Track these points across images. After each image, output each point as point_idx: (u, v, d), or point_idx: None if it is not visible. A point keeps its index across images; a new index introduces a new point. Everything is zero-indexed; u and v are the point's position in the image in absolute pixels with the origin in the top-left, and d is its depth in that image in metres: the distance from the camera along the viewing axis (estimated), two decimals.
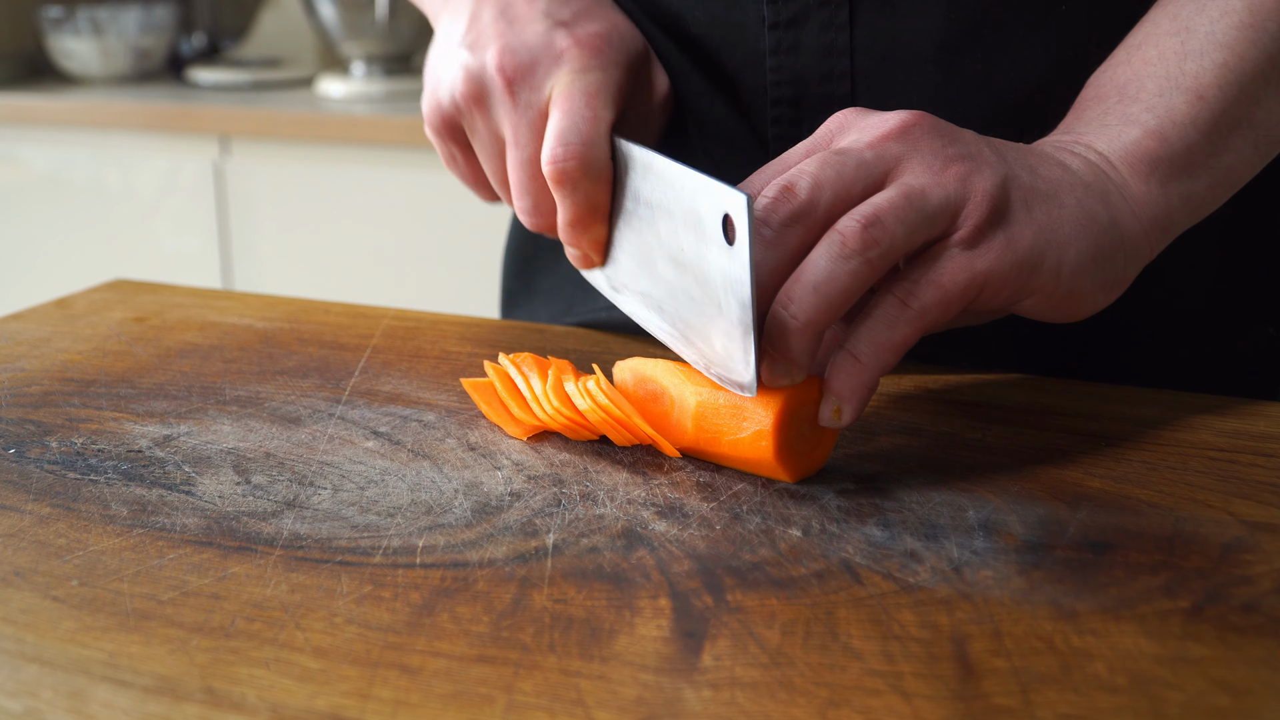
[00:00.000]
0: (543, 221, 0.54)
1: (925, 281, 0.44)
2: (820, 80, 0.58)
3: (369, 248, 1.80)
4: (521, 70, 0.52)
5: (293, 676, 0.33)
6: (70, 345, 0.61)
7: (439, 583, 0.38)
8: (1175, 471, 0.46)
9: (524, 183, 0.53)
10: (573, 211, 0.51)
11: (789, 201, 0.42)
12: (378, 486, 0.45)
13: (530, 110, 0.52)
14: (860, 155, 0.44)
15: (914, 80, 0.57)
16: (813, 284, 0.42)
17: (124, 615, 0.36)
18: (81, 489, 0.45)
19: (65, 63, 2.12)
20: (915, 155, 0.44)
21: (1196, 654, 0.34)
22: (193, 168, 1.86)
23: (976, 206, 0.44)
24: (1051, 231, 0.45)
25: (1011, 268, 0.44)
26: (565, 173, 0.49)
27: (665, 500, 0.44)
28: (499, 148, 0.54)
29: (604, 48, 0.52)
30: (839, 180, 0.43)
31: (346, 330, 0.63)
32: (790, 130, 0.60)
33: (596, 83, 0.51)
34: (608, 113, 0.51)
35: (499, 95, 0.52)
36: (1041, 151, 0.48)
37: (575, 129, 0.50)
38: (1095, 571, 0.39)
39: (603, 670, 0.33)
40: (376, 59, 1.95)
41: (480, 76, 0.53)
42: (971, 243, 0.44)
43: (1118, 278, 0.48)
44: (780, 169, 0.46)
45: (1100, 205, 0.47)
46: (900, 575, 0.39)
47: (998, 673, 0.33)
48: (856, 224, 0.42)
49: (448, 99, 0.54)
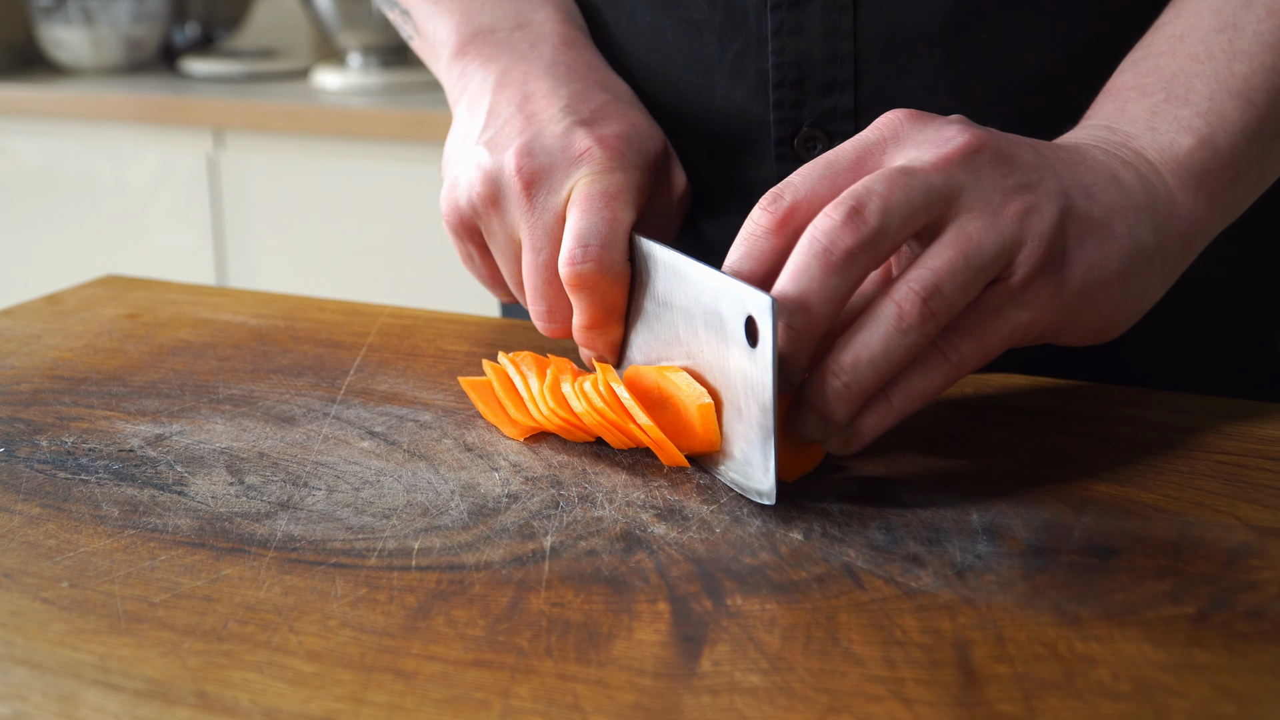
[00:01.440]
0: (558, 328, 0.53)
1: (969, 336, 0.43)
2: (824, 63, 0.58)
3: (365, 244, 1.80)
4: (540, 173, 0.51)
5: (286, 680, 0.33)
6: (61, 342, 0.61)
7: (435, 586, 0.38)
8: (1181, 475, 0.46)
9: (539, 287, 0.52)
10: (589, 314, 0.50)
11: (858, 228, 0.41)
12: (373, 487, 0.45)
13: (547, 213, 0.51)
14: (928, 180, 0.43)
15: (919, 62, 0.57)
16: (868, 358, 0.42)
17: (115, 618, 0.37)
18: (72, 489, 0.45)
19: (56, 53, 2.12)
20: (975, 188, 0.43)
21: (1202, 661, 0.35)
22: (186, 161, 1.86)
23: (1031, 253, 0.43)
24: (1101, 268, 0.45)
25: (1056, 314, 0.45)
26: (582, 276, 0.49)
27: (665, 503, 0.44)
28: (515, 250, 0.54)
29: (624, 149, 0.52)
30: (909, 208, 0.42)
31: (342, 328, 0.63)
32: (793, 113, 0.60)
33: (617, 184, 0.50)
34: (627, 214, 0.50)
35: (516, 198, 0.52)
36: (1095, 162, 0.47)
37: (594, 230, 0.49)
38: (1100, 576, 0.39)
39: (600, 675, 0.34)
40: (374, 50, 1.95)
41: (497, 178, 0.52)
42: (1019, 292, 0.44)
43: (1152, 300, 0.48)
44: (828, 175, 0.44)
45: (1149, 230, 0.47)
46: (902, 580, 0.39)
47: (1000, 679, 0.34)
48: (916, 296, 0.41)
49: (465, 199, 0.54)
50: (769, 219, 0.44)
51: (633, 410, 0.46)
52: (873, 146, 0.45)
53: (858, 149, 0.45)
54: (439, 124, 1.68)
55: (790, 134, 0.60)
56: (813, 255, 0.41)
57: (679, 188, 0.58)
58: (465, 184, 0.54)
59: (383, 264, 1.80)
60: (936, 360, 0.43)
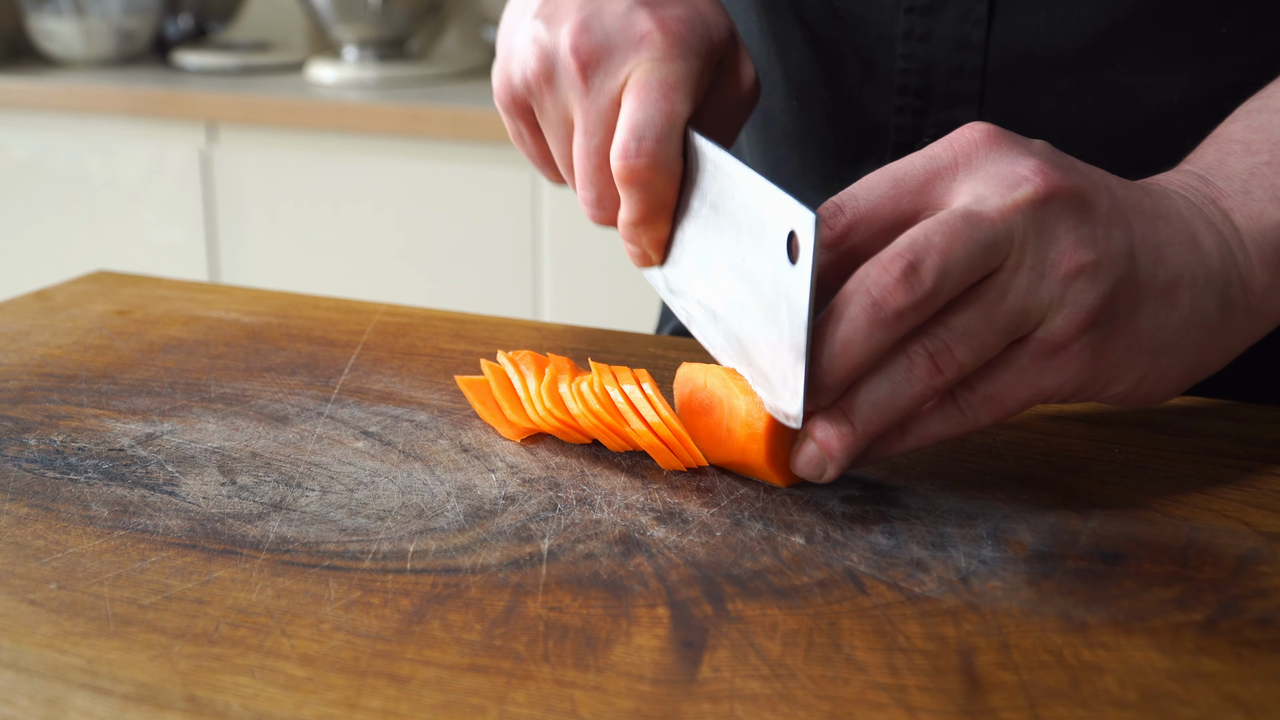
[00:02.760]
0: (605, 215, 0.52)
1: (986, 397, 0.43)
2: (950, 74, 0.58)
3: (360, 240, 1.80)
4: (597, 53, 0.49)
5: (278, 685, 0.33)
6: (50, 339, 0.61)
7: (430, 589, 0.38)
8: (1190, 479, 0.46)
9: (589, 173, 0.51)
10: (638, 209, 0.49)
11: (912, 288, 0.40)
12: (367, 488, 0.45)
13: (602, 97, 0.49)
14: (992, 232, 0.41)
15: (1049, 86, 0.56)
16: (873, 401, 0.42)
17: (104, 620, 0.37)
18: (61, 489, 0.45)
19: (46, 44, 2.12)
20: (1035, 241, 0.41)
21: (1210, 669, 0.35)
22: (178, 155, 1.87)
23: (1068, 320, 0.42)
24: (1151, 339, 0.43)
25: (1086, 381, 0.43)
26: (635, 170, 0.48)
27: (664, 505, 0.44)
28: (567, 131, 0.52)
29: (687, 34, 0.50)
30: (967, 265, 0.40)
31: (336, 326, 0.63)
32: (914, 121, 0.59)
33: (676, 73, 0.49)
34: (685, 106, 0.48)
35: (570, 78, 0.50)
36: (1176, 216, 0.45)
37: (650, 122, 0.47)
38: (1106, 583, 0.39)
39: (598, 681, 0.34)
40: (370, 43, 1.95)
41: (553, 55, 0.50)
42: (1047, 357, 0.42)
43: (1206, 374, 0.46)
44: (891, 194, 0.43)
45: (1215, 303, 0.45)
46: (906, 585, 0.39)
47: (1005, 686, 0.34)
48: (925, 353, 0.41)
49: (519, 75, 0.52)
50: (826, 233, 0.43)
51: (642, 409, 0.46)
52: (943, 168, 0.43)
53: (927, 167, 0.43)
54: (435, 119, 1.68)
55: (910, 141, 0.60)
56: (861, 308, 0.40)
57: (746, 80, 0.55)
58: (519, 59, 0.52)
59: (378, 261, 1.80)
60: (952, 410, 0.43)
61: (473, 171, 1.70)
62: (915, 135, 0.59)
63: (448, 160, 1.71)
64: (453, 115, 1.67)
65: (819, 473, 0.43)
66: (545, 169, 0.57)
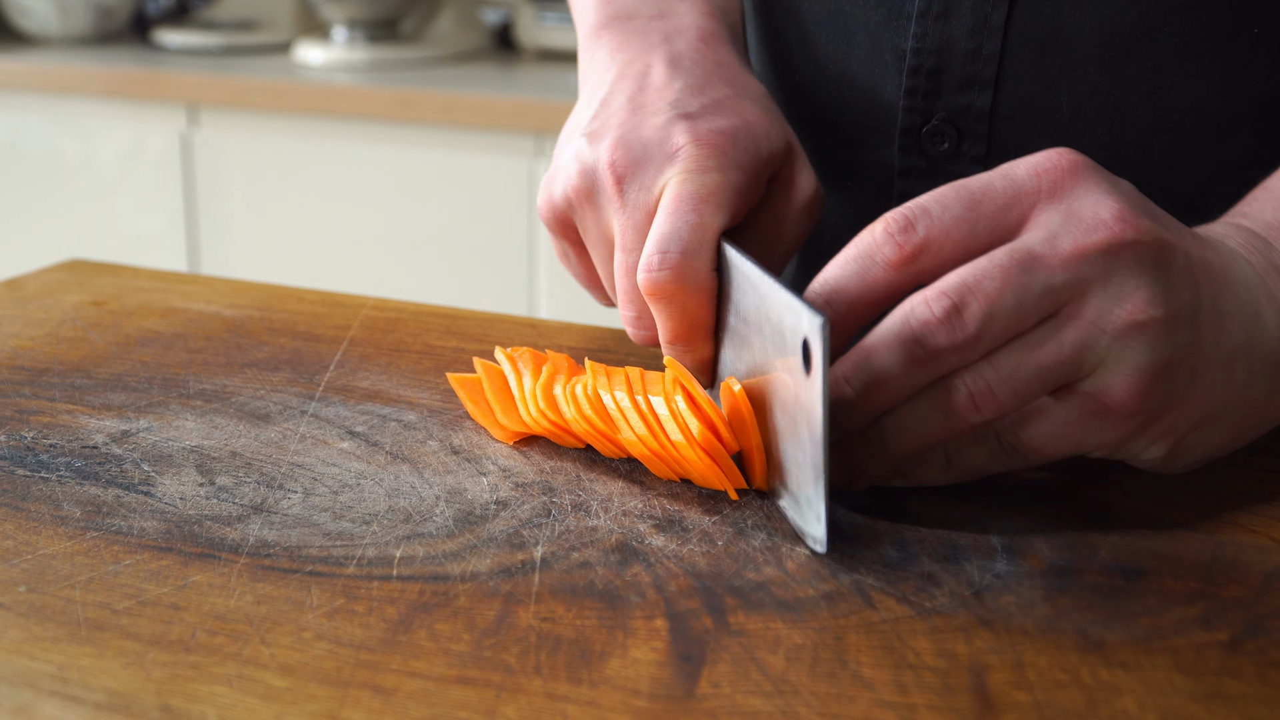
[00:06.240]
0: (647, 335, 0.52)
1: (1022, 447, 0.43)
2: (966, 58, 0.58)
3: (348, 230, 1.80)
4: (633, 167, 0.50)
5: (257, 695, 0.33)
6: (21, 330, 0.61)
7: (417, 597, 0.38)
8: (1215, 492, 0.46)
9: (628, 290, 0.51)
10: (671, 327, 0.49)
11: (953, 331, 0.40)
12: (352, 491, 0.45)
13: (638, 212, 0.50)
14: (1050, 280, 0.40)
15: (1070, 78, 0.56)
16: (904, 427, 0.42)
17: (75, 625, 0.37)
18: (31, 487, 0.45)
19: (20, 20, 2.12)
20: (1099, 292, 0.41)
21: (1234, 691, 0.35)
22: (158, 139, 1.87)
23: (1125, 383, 0.41)
24: (1201, 410, 0.43)
25: (1127, 442, 0.43)
26: (659, 285, 0.48)
27: (664, 512, 0.44)
28: (609, 249, 0.53)
29: (726, 146, 0.50)
30: (1017, 313, 0.40)
31: (322, 320, 0.64)
32: (924, 103, 0.59)
33: (710, 185, 0.49)
34: (717, 220, 0.49)
35: (608, 192, 0.51)
36: (1242, 286, 0.44)
37: (675, 235, 0.48)
38: (1126, 599, 0.39)
39: (592, 695, 0.34)
40: (359, 24, 1.96)
41: (593, 171, 0.52)
42: (1097, 414, 0.42)
43: (1237, 447, 0.46)
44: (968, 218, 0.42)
45: (1265, 385, 0.44)
46: (916, 599, 0.39)
47: (1019, 706, 0.34)
48: (966, 391, 0.41)
49: (560, 192, 0.53)
50: (894, 252, 0.42)
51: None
52: (1025, 195, 0.42)
53: (1008, 192, 0.42)
54: (428, 104, 1.68)
55: (919, 124, 0.60)
56: (899, 341, 0.41)
57: (803, 192, 0.55)
58: (563, 176, 0.53)
59: (366, 253, 1.80)
60: (993, 445, 0.43)
61: (467, 159, 1.70)
62: (925, 117, 0.60)
63: (441, 147, 1.71)
64: (446, 100, 1.67)
65: (846, 484, 0.45)
66: (593, 290, 0.58)
